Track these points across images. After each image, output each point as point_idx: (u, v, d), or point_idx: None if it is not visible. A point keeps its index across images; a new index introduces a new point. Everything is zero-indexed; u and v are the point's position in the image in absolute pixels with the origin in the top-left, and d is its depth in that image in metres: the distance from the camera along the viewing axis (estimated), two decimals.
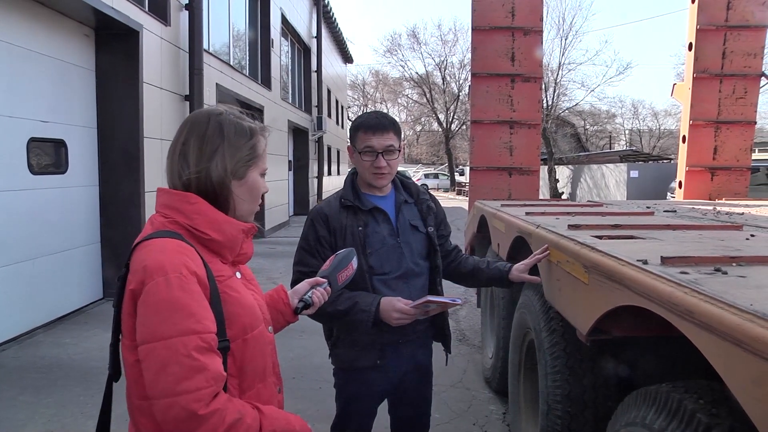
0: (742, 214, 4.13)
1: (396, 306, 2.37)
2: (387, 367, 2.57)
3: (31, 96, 6.52)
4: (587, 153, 33.79)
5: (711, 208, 4.89)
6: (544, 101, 29.42)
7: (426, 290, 2.60)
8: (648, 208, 4.65)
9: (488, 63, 6.85)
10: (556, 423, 2.80)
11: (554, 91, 30.68)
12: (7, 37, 6.08)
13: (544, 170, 27.80)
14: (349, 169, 2.72)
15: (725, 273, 1.67)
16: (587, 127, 42.56)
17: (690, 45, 7.01)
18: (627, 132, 52.83)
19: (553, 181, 27.91)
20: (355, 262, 2.08)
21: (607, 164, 26.11)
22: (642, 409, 1.75)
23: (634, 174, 23.56)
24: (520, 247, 3.50)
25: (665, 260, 1.81)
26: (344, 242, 2.45)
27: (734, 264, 1.81)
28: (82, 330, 6.62)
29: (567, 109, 33.61)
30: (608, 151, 36.60)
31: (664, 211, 4.30)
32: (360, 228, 2.49)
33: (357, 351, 2.56)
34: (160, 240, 1.51)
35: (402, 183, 2.69)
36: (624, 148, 41.33)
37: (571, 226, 2.89)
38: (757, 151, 22.13)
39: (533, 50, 6.93)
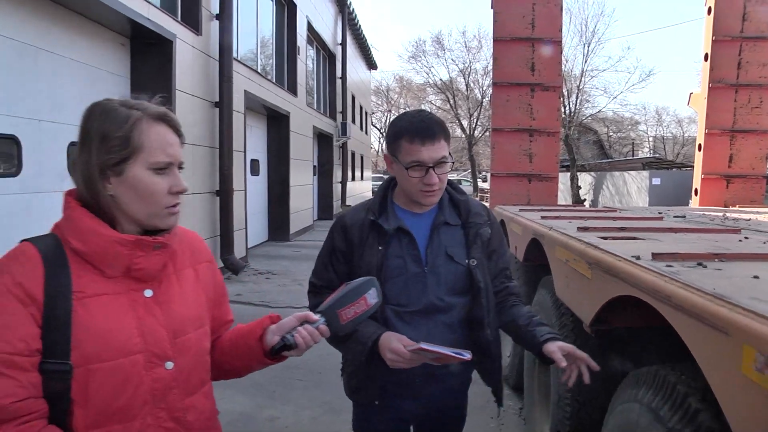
0: (749, 220, 4.32)
1: (391, 345, 1.97)
2: (391, 407, 2.22)
3: (71, 102, 6.84)
4: (609, 160, 33.73)
5: (721, 214, 5.08)
6: (567, 108, 29.45)
7: (454, 329, 2.16)
8: (659, 213, 4.86)
9: (509, 72, 7.09)
10: (566, 411, 3.02)
11: (577, 98, 30.72)
12: (52, 48, 6.43)
13: (566, 177, 27.85)
14: (386, 176, 2.32)
15: (705, 267, 1.91)
16: (610, 134, 42.46)
17: (706, 55, 7.17)
18: (651, 139, 52.57)
19: (575, 187, 27.92)
20: (372, 297, 1.68)
21: (630, 171, 26.07)
22: (638, 388, 1.98)
23: (656, 181, 23.51)
24: (535, 249, 3.72)
25: (655, 256, 2.05)
26: (361, 259, 2.14)
27: (716, 260, 2.05)
28: None
29: (590, 116, 33.60)
30: (631, 158, 36.48)
31: (674, 217, 4.50)
32: (380, 248, 2.12)
33: (356, 382, 2.22)
34: (21, 243, 1.42)
35: (451, 199, 2.25)
36: (647, 155, 41.19)
37: (580, 229, 3.11)
38: None
39: (553, 60, 7.15)
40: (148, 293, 1.48)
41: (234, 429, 4.24)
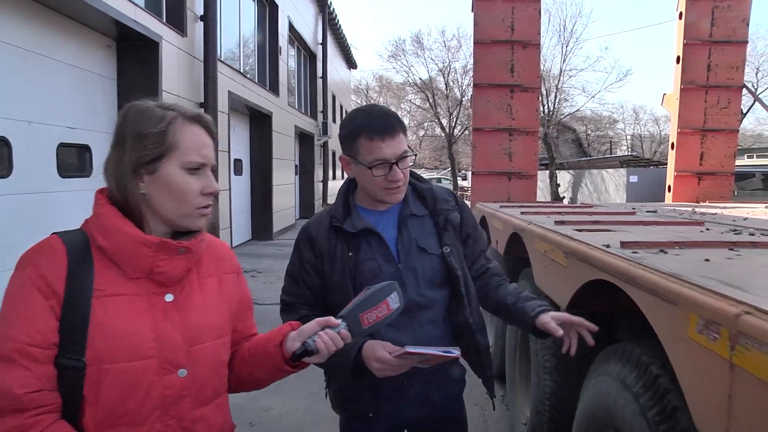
0: (715, 214, 4.58)
1: (376, 354, 1.90)
2: (386, 415, 2.13)
3: (61, 104, 6.97)
4: (588, 158, 34.18)
5: (690, 209, 5.35)
6: (545, 107, 29.83)
7: (439, 324, 2.11)
8: (633, 209, 5.12)
9: (489, 74, 7.32)
10: (545, 391, 3.24)
11: (555, 97, 31.11)
12: (42, 50, 6.56)
13: (545, 175, 28.21)
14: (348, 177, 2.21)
15: (666, 253, 2.15)
16: (589, 132, 42.99)
17: (678, 58, 7.48)
18: (628, 137, 53.23)
19: (554, 185, 28.28)
20: (394, 301, 1.64)
21: (608, 169, 26.46)
22: (608, 363, 2.20)
23: (634, 179, 23.86)
24: (515, 243, 3.94)
25: (624, 244, 2.29)
26: (332, 268, 2.06)
27: (677, 247, 2.29)
28: None
29: (568, 114, 34.05)
30: (609, 156, 36.99)
31: (646, 212, 4.76)
32: (350, 253, 2.05)
33: (346, 395, 2.16)
34: (50, 236, 1.45)
35: (415, 190, 2.18)
36: (625, 153, 41.71)
37: (557, 222, 3.35)
38: (755, 156, 22.47)
39: (531, 62, 7.40)
40: (169, 298, 1.47)
41: None
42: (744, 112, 30.69)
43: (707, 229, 3.14)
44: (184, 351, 1.46)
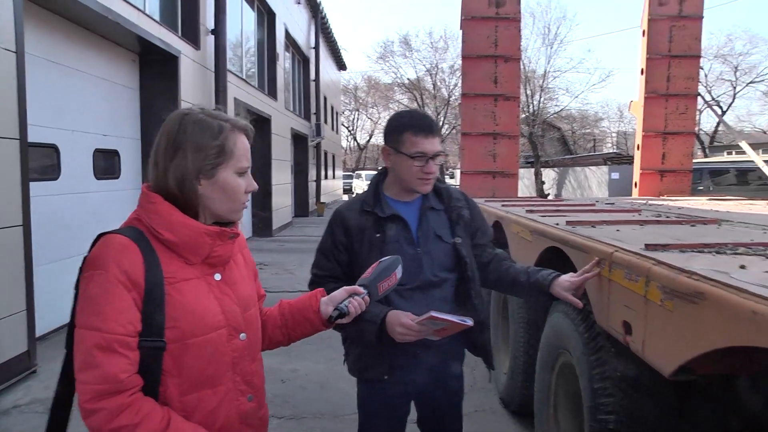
0: (661, 205, 5.57)
1: (401, 320, 2.19)
2: (399, 381, 2.43)
3: (95, 113, 7.90)
4: (572, 156, 35.09)
5: (644, 201, 6.34)
6: (530, 107, 30.73)
7: (448, 301, 2.43)
8: (595, 201, 6.10)
9: (476, 85, 8.27)
10: (519, 342, 4.19)
11: (540, 97, 32.01)
12: (81, 67, 7.49)
13: (531, 173, 29.13)
14: (378, 170, 2.57)
15: (594, 227, 3.13)
16: (575, 130, 43.93)
17: (642, 70, 8.48)
18: (613, 134, 54.30)
19: (539, 183, 29.16)
20: (399, 272, 1.98)
21: (591, 167, 27.34)
22: (559, 304, 3.15)
23: (615, 176, 24.63)
24: (497, 230, 4.89)
25: (568, 223, 3.27)
26: (361, 247, 2.37)
27: (604, 224, 3.26)
28: None
29: (553, 114, 34.95)
30: (592, 153, 37.97)
31: (605, 203, 5.75)
32: (378, 235, 2.36)
33: (365, 361, 2.46)
34: (112, 235, 1.56)
35: (434, 188, 2.49)
36: (609, 151, 42.65)
37: (528, 211, 4.32)
38: (734, 153, 23.28)
39: (512, 74, 8.38)
40: (218, 277, 1.68)
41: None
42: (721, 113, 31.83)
43: (639, 214, 4.13)
44: (242, 318, 1.70)
